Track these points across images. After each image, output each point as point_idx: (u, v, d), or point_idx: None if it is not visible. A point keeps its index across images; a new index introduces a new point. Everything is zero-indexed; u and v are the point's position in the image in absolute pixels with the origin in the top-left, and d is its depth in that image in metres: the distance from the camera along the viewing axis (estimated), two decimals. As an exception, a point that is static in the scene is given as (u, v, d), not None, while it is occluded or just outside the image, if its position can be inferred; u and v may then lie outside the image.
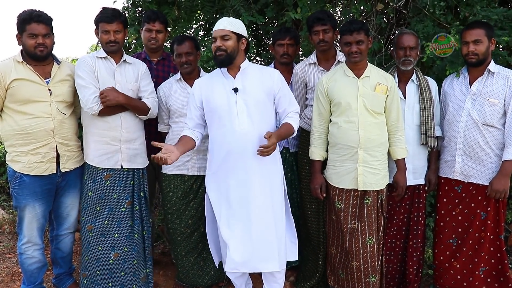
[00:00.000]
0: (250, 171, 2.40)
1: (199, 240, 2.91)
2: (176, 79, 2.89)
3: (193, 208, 2.89)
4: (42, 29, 2.51)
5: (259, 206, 2.40)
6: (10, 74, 2.50)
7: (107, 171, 2.72)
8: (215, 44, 2.40)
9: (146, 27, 3.06)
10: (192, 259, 2.95)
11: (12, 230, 4.09)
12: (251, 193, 2.40)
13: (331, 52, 2.88)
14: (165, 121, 2.95)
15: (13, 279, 3.27)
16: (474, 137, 2.60)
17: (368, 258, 2.58)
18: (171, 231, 2.96)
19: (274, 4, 3.71)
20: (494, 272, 2.66)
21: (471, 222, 2.66)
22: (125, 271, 2.79)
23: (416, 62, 2.74)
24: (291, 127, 2.47)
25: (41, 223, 2.69)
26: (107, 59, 2.71)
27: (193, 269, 2.95)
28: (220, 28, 2.40)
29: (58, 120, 2.60)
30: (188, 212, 2.89)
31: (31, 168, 2.57)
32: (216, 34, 2.40)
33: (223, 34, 2.39)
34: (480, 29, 2.56)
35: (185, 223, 2.89)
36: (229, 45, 2.39)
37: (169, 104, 2.85)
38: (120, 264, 2.78)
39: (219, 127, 2.44)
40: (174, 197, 2.88)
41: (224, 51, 2.38)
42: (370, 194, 2.57)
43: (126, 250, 2.79)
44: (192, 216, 2.89)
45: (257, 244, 2.40)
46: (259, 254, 2.40)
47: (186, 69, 2.80)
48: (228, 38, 2.39)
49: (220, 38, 2.38)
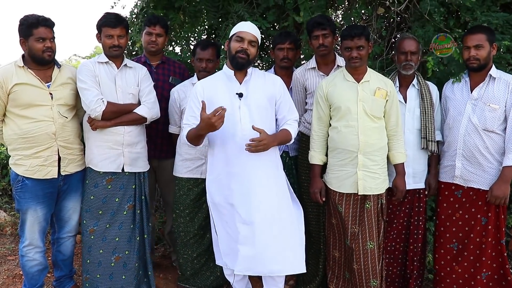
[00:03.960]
0: (253, 176, 2.39)
1: (210, 243, 2.90)
2: (191, 82, 2.92)
3: (206, 211, 2.90)
4: (49, 33, 2.55)
5: (263, 210, 2.39)
6: (11, 79, 2.52)
7: (109, 175, 2.74)
8: (241, 45, 2.38)
9: (146, 31, 3.09)
10: (203, 260, 2.99)
11: (14, 232, 4.11)
12: (255, 198, 2.39)
13: (330, 56, 2.88)
14: (177, 123, 2.97)
15: (14, 281, 3.28)
16: (474, 142, 2.59)
17: (369, 262, 2.58)
18: (183, 234, 2.97)
19: (275, 8, 3.72)
20: (495, 276, 2.65)
21: (471, 227, 2.66)
22: (126, 275, 2.80)
23: (417, 66, 2.74)
24: (288, 134, 2.47)
25: (43, 226, 2.70)
26: (109, 64, 2.73)
27: (202, 270, 3.00)
28: (251, 32, 2.41)
29: (59, 124, 2.62)
30: (201, 214, 2.94)
31: (33, 171, 2.58)
32: (245, 36, 2.39)
33: (253, 39, 2.41)
34: (482, 34, 2.56)
35: (199, 225, 2.94)
36: (253, 52, 2.42)
37: (183, 106, 2.86)
38: (121, 268, 2.78)
39: (221, 131, 2.44)
40: (187, 200, 2.92)
41: (248, 56, 2.39)
42: (370, 199, 2.57)
43: (128, 253, 2.80)
44: (205, 218, 2.92)
45: (262, 249, 2.38)
46: (264, 258, 2.39)
47: (203, 74, 2.82)
48: (254, 45, 2.42)
49: (248, 42, 2.39)
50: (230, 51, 2.42)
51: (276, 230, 2.40)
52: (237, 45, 2.39)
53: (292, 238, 2.46)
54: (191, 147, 2.78)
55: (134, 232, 2.82)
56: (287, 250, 2.43)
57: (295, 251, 2.46)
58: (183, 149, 2.91)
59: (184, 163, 2.91)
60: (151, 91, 2.81)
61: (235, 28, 2.46)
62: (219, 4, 3.88)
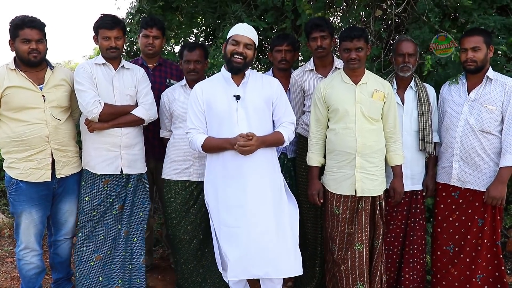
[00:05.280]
0: (249, 178, 2.39)
1: (198, 248, 2.89)
2: (181, 85, 2.90)
3: (192, 215, 2.87)
4: (35, 35, 2.51)
5: (259, 213, 2.39)
6: (3, 82, 2.50)
7: (106, 177, 2.73)
8: (237, 49, 2.38)
9: (143, 33, 3.08)
10: (191, 266, 2.92)
11: (12, 234, 4.10)
12: (251, 200, 2.38)
13: (328, 58, 2.89)
14: (167, 127, 2.96)
15: (12, 283, 3.28)
16: (471, 143, 2.60)
17: (356, 264, 2.57)
18: (171, 237, 2.95)
19: (273, 10, 3.73)
20: (491, 279, 2.65)
21: (468, 228, 2.66)
22: (103, 276, 2.74)
23: (415, 68, 2.75)
24: (280, 136, 2.47)
25: (39, 229, 2.69)
26: (106, 66, 2.72)
27: (192, 276, 2.93)
28: (246, 35, 2.40)
29: (52, 126, 2.60)
30: (187, 219, 2.88)
31: (26, 174, 2.57)
32: (241, 40, 2.38)
33: (248, 42, 2.40)
34: (479, 36, 2.57)
35: (184, 229, 2.88)
36: (250, 54, 2.41)
37: (172, 109, 2.85)
38: (100, 268, 2.73)
39: (218, 133, 2.44)
40: (174, 203, 2.87)
41: (244, 59, 2.38)
42: (363, 200, 2.57)
43: (109, 254, 2.76)
44: (192, 222, 2.88)
45: (257, 251, 2.38)
46: (259, 261, 2.39)
47: (192, 76, 2.82)
48: (250, 48, 2.41)
49: (244, 45, 2.38)
50: (226, 54, 2.42)
51: (272, 233, 2.40)
52: (233, 49, 2.39)
53: (288, 240, 2.46)
54: (180, 149, 2.79)
55: (119, 233, 2.78)
56: (283, 253, 2.43)
57: (290, 253, 2.45)
58: (171, 151, 2.87)
59: (172, 164, 2.87)
60: (148, 92, 2.81)
61: (231, 31, 2.46)
62: (216, 5, 3.88)
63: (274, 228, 2.41)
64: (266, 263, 2.39)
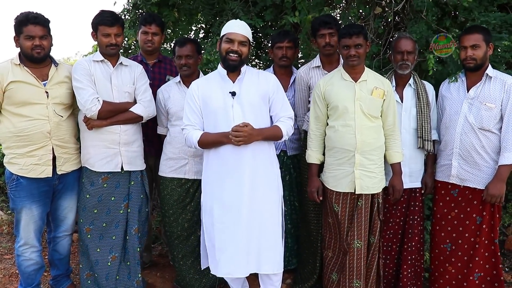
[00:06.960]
0: (245, 174, 2.39)
1: (196, 244, 2.89)
2: (175, 82, 2.89)
3: (189, 212, 2.88)
4: (39, 31, 2.51)
5: (254, 209, 2.40)
6: (7, 77, 2.50)
7: (105, 174, 2.73)
8: (231, 47, 2.37)
9: (142, 30, 3.08)
10: (189, 263, 2.94)
11: (11, 231, 4.10)
12: (246, 196, 2.39)
13: (335, 56, 2.89)
14: (164, 124, 2.96)
15: (10, 280, 3.28)
16: (471, 141, 2.60)
17: (354, 262, 2.58)
18: (168, 234, 2.96)
19: (273, 7, 3.72)
20: (488, 277, 2.65)
21: (466, 226, 2.67)
22: (120, 275, 2.79)
23: (414, 66, 2.75)
24: (278, 130, 2.47)
25: (39, 225, 2.69)
26: (104, 62, 2.71)
27: (190, 273, 2.94)
28: (240, 32, 2.39)
29: (54, 122, 2.60)
30: (184, 216, 2.89)
31: (27, 170, 2.57)
32: (235, 38, 2.38)
33: (242, 40, 2.39)
34: (478, 34, 2.57)
35: (182, 226, 2.89)
36: (245, 51, 2.40)
37: (168, 107, 2.85)
38: (116, 267, 2.78)
39: (215, 130, 2.44)
40: (170, 200, 2.88)
41: (239, 57, 2.38)
42: (362, 197, 2.58)
43: (122, 252, 2.80)
44: (189, 219, 2.89)
45: (252, 247, 2.40)
46: (253, 257, 2.41)
47: (185, 71, 2.81)
48: (245, 45, 2.40)
49: (238, 43, 2.38)
50: (221, 52, 2.42)
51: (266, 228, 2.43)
52: (227, 47, 2.39)
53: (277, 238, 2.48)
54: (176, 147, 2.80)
55: (130, 231, 2.81)
56: (277, 246, 2.46)
57: (276, 251, 2.48)
58: (168, 148, 2.88)
59: (168, 162, 2.87)
60: (147, 89, 2.80)
61: (224, 29, 2.45)
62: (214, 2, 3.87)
63: (269, 224, 2.44)
64: (262, 259, 2.42)
